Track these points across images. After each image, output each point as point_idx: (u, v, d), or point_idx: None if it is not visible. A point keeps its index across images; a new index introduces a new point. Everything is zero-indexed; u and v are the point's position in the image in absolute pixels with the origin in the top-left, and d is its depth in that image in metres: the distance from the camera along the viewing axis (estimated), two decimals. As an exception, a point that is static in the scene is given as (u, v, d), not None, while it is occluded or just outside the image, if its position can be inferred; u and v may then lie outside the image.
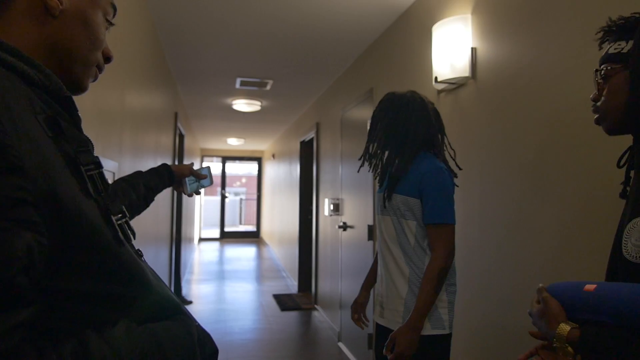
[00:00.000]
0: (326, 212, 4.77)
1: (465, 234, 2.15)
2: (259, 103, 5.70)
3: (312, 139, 5.81)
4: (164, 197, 4.11)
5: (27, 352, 0.48)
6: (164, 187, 1.37)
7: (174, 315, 0.69)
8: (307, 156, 6.28)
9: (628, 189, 0.93)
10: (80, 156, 0.60)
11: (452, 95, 2.31)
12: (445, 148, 1.77)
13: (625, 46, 0.88)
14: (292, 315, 5.24)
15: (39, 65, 0.60)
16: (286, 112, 6.38)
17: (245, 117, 6.71)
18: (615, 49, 0.90)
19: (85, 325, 0.56)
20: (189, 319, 0.70)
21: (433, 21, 2.42)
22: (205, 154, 11.44)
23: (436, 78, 2.24)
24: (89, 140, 0.65)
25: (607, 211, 1.37)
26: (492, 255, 1.96)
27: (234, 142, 9.75)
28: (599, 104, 0.94)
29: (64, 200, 0.53)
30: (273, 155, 9.71)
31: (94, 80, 0.74)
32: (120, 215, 0.66)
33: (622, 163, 0.98)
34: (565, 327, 0.81)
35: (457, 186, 1.71)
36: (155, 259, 3.60)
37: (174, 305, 0.70)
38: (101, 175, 0.64)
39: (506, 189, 1.88)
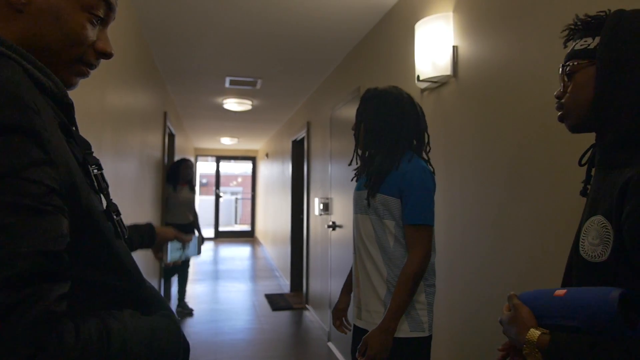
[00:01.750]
0: (316, 212, 4.76)
1: (448, 234, 2.14)
2: (249, 102, 5.68)
3: (303, 138, 5.80)
4: (151, 195, 4.09)
5: (67, 322, 0.54)
6: (141, 247, 1.24)
7: (161, 310, 0.74)
8: (299, 155, 6.27)
9: (589, 187, 0.92)
10: (88, 158, 0.67)
11: (434, 94, 2.30)
12: (426, 146, 1.76)
13: (591, 42, 0.87)
14: (284, 315, 5.23)
15: (50, 74, 0.64)
16: (278, 111, 6.36)
17: (237, 116, 6.68)
18: (581, 45, 0.89)
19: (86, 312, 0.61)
20: (175, 315, 0.77)
21: (416, 19, 2.40)
22: (199, 154, 11.41)
23: (418, 77, 2.22)
24: (89, 143, 0.72)
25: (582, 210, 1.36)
26: (475, 255, 1.94)
27: (227, 142, 9.72)
28: (563, 100, 0.93)
29: (80, 194, 0.60)
30: (267, 155, 9.69)
31: (84, 77, 0.74)
32: (116, 212, 0.73)
33: (583, 161, 0.97)
34: (535, 333, 0.80)
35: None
36: (142, 259, 3.58)
37: (161, 302, 0.77)
38: (102, 176, 0.71)
39: (487, 188, 1.86)
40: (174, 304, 5.31)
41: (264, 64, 4.18)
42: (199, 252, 1.39)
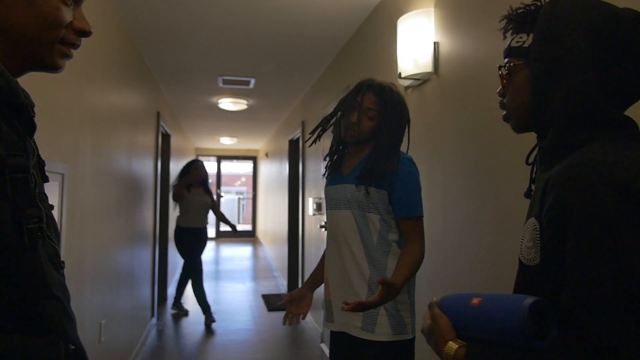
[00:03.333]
0: (310, 212, 4.72)
1: (429, 234, 2.08)
2: (245, 102, 5.65)
3: (298, 138, 5.76)
4: (146, 195, 4.07)
5: None
6: None
7: (46, 334, 0.67)
8: (295, 155, 6.24)
9: (534, 187, 0.88)
10: (10, 159, 0.63)
11: (417, 92, 2.25)
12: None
13: (526, 39, 0.82)
14: (279, 315, 5.19)
15: (3, 72, 0.63)
16: (274, 110, 6.33)
17: (235, 116, 6.66)
18: (517, 42, 0.84)
19: None
20: (63, 341, 0.69)
21: (400, 15, 2.36)
22: (199, 154, 11.40)
23: (400, 74, 2.18)
24: (32, 149, 0.69)
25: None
26: (457, 255, 1.90)
27: (226, 142, 9.71)
28: (505, 100, 0.88)
29: None
30: (266, 155, 9.67)
31: (68, 58, 0.73)
32: (35, 220, 0.67)
33: (530, 160, 0.92)
34: (452, 346, 0.77)
35: None
36: (133, 260, 3.56)
37: (52, 324, 0.70)
38: (25, 181, 0.67)
39: (469, 186, 1.82)
40: (170, 309, 5.29)
41: (256, 63, 4.14)
42: None
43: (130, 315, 3.52)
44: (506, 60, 0.87)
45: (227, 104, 5.63)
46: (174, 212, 5.15)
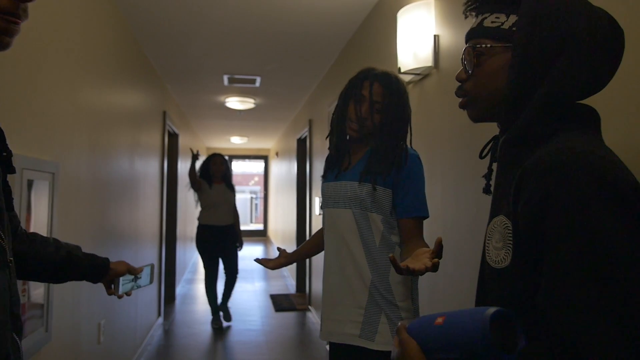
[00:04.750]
0: (317, 211, 4.67)
1: (429, 233, 2.02)
2: (252, 100, 5.61)
3: (306, 137, 5.71)
4: (151, 195, 4.06)
5: None
6: (85, 277, 1.27)
7: None
8: (302, 154, 6.19)
9: (491, 183, 0.81)
10: None
11: (418, 87, 2.17)
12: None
13: (505, 21, 0.75)
14: (286, 316, 5.15)
15: None
16: (282, 109, 6.29)
17: (243, 115, 6.63)
18: (492, 22, 0.77)
19: None
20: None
21: (400, 8, 2.28)
22: (210, 153, 11.43)
23: (399, 69, 2.10)
24: None
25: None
26: (456, 256, 1.82)
27: (237, 141, 9.70)
28: (466, 86, 0.81)
29: None
30: (277, 154, 9.64)
31: (9, 33, 0.62)
32: None
33: (484, 154, 0.86)
34: None
35: None
36: (136, 260, 3.54)
37: None
38: None
39: (468, 184, 1.74)
40: (178, 308, 5.28)
41: (261, 62, 4.10)
42: (151, 280, 1.45)
43: (134, 315, 3.50)
44: (473, 41, 0.80)
45: (234, 102, 5.60)
46: (196, 209, 5.02)
